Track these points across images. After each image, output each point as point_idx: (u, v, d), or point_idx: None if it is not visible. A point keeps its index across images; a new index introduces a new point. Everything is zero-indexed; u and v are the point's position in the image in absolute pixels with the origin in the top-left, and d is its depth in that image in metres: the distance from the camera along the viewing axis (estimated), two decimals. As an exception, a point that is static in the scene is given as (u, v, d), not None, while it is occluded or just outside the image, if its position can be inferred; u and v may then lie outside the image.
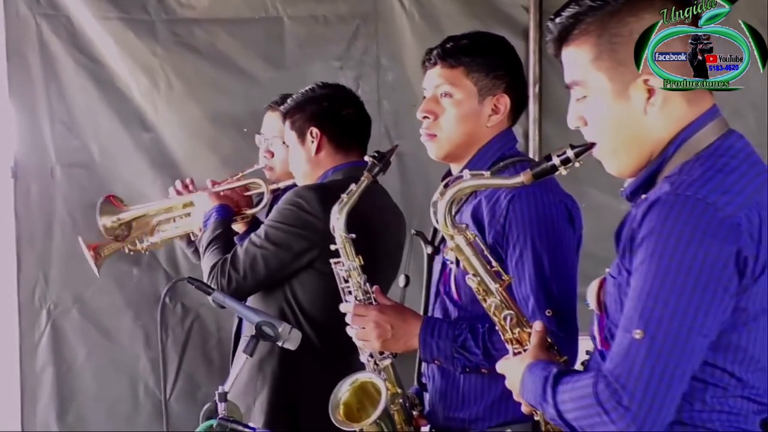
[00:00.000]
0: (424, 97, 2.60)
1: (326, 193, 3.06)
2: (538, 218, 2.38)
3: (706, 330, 1.62)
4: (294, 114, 3.28)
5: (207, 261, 3.24)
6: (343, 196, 2.59)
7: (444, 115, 2.55)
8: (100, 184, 4.40)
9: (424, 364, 2.60)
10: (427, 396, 2.61)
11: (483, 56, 2.55)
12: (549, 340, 1.97)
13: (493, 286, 2.05)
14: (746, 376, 1.69)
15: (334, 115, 3.29)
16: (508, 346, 2.03)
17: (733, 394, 1.69)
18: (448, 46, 2.56)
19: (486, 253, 2.11)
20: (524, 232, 2.38)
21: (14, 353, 4.48)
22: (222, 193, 3.51)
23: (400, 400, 2.59)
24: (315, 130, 3.24)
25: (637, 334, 1.61)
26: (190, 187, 3.59)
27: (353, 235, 2.61)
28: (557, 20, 1.82)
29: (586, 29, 1.77)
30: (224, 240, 3.30)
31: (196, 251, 3.55)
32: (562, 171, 1.87)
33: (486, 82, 2.55)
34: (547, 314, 2.33)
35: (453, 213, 2.07)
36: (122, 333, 4.53)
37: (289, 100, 3.33)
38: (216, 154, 4.42)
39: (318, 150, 3.25)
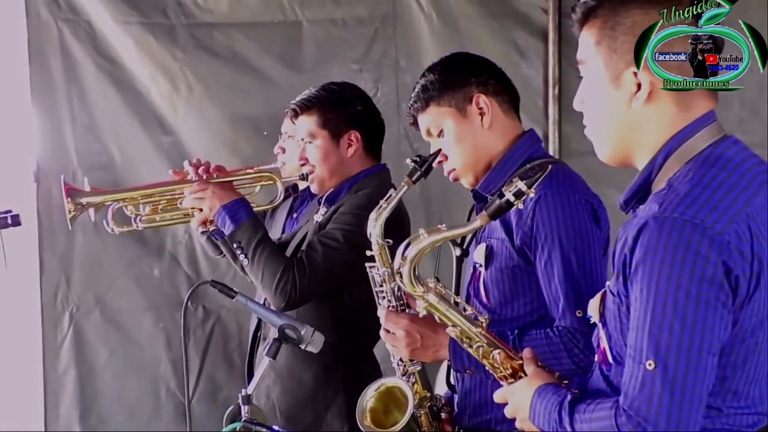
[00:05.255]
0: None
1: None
2: (564, 218, 2.40)
3: (714, 348, 1.62)
4: (325, 112, 3.23)
5: (265, 263, 3.10)
6: (382, 202, 2.58)
7: (448, 150, 2.61)
8: (120, 187, 4.43)
9: (452, 366, 2.62)
10: (456, 398, 2.63)
11: (441, 81, 2.61)
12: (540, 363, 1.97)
13: (475, 330, 2.04)
14: (743, 388, 1.70)
15: (372, 119, 3.31)
16: (503, 383, 2.02)
17: (727, 413, 1.69)
18: (412, 96, 2.67)
19: (458, 300, 2.10)
20: (551, 233, 2.40)
21: (37, 355, 4.51)
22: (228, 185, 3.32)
23: (428, 404, 2.61)
24: (356, 134, 3.23)
25: (650, 365, 1.62)
26: (202, 169, 3.34)
27: (390, 241, 2.62)
28: (582, 1, 1.83)
29: (599, 13, 1.79)
30: (272, 241, 3.21)
31: (209, 239, 3.50)
32: (518, 204, 1.91)
33: (458, 96, 2.60)
34: (578, 314, 2.36)
35: (417, 274, 2.06)
36: (143, 335, 4.55)
37: (305, 98, 3.27)
38: (236, 157, 4.43)
39: (352, 153, 3.24)
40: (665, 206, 1.64)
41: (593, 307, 1.83)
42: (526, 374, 1.96)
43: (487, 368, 2.05)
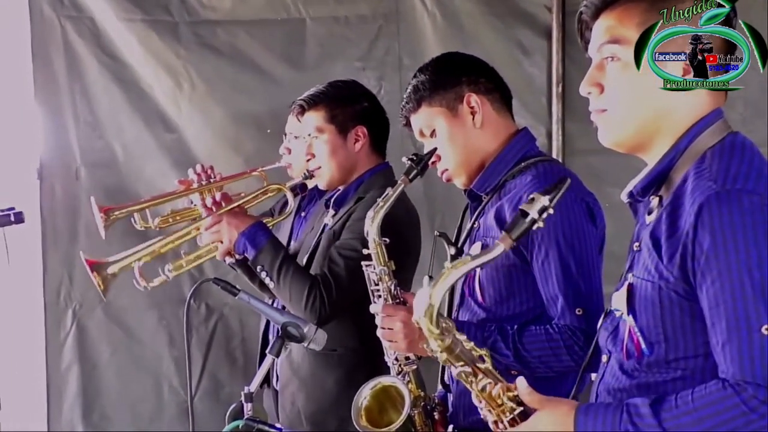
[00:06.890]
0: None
1: (404, 201, 3.09)
2: (561, 217, 2.39)
3: None
4: (332, 108, 3.24)
5: (291, 283, 3.11)
6: (379, 200, 2.60)
7: (441, 150, 2.61)
8: (123, 184, 4.44)
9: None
10: (450, 397, 2.63)
11: (431, 81, 2.61)
12: None
13: (483, 366, 1.94)
14: None
15: (378, 116, 3.31)
16: (491, 417, 1.90)
17: None
18: (404, 97, 2.66)
19: (464, 340, 1.98)
20: (548, 232, 2.39)
21: (40, 353, 4.52)
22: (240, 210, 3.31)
23: (422, 403, 2.61)
24: (363, 129, 3.24)
25: (767, 329, 1.61)
26: (209, 172, 3.40)
27: (386, 240, 2.63)
28: None
29: None
30: (295, 261, 3.21)
31: (243, 267, 3.43)
32: (540, 223, 1.79)
33: (449, 96, 2.60)
34: (578, 313, 2.36)
35: (443, 316, 1.91)
36: (146, 333, 4.56)
37: (312, 94, 3.28)
38: (239, 154, 4.44)
39: (359, 149, 3.25)
40: (722, 181, 1.67)
41: (619, 300, 1.82)
42: (521, 403, 1.86)
43: (483, 412, 1.92)
